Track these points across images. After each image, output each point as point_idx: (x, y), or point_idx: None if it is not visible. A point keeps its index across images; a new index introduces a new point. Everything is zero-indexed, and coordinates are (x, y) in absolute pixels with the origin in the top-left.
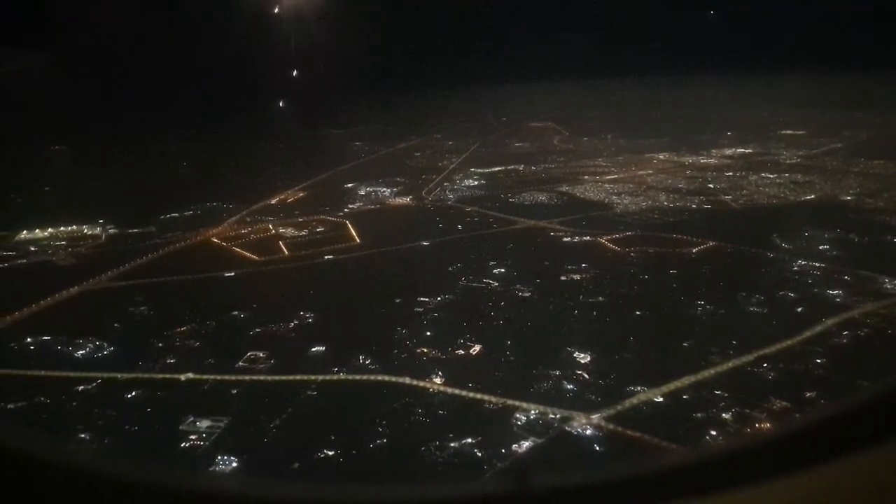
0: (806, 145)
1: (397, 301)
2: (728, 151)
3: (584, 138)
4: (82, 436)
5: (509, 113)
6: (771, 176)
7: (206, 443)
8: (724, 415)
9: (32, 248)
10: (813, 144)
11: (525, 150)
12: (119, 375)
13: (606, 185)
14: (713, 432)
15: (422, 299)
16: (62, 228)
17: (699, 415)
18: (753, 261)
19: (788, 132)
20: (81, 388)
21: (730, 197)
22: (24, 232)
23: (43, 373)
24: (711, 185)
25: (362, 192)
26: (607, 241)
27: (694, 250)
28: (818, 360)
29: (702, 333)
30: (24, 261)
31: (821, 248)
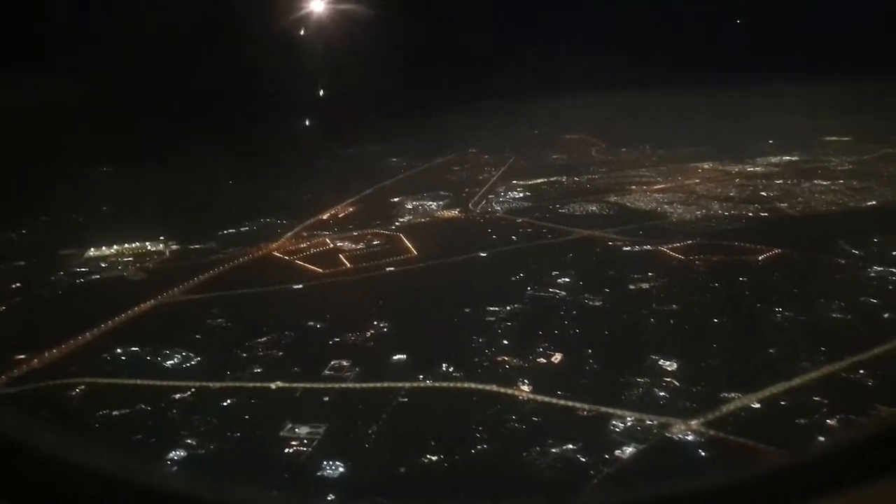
0: (855, 151)
1: (467, 311)
2: (773, 159)
3: (622, 149)
4: (188, 441)
5: (540, 126)
6: (824, 182)
7: (309, 448)
8: (828, 421)
9: (102, 265)
10: (862, 150)
11: (563, 161)
12: (211, 384)
13: (655, 195)
14: (821, 438)
15: (491, 308)
16: (126, 245)
17: (802, 421)
18: (825, 267)
19: (833, 139)
20: (178, 395)
21: (785, 204)
22: (92, 249)
23: (138, 381)
24: (764, 193)
25: (409, 206)
26: (669, 249)
27: (760, 258)
28: None
29: (786, 340)
30: (98, 276)
31: (894, 253)
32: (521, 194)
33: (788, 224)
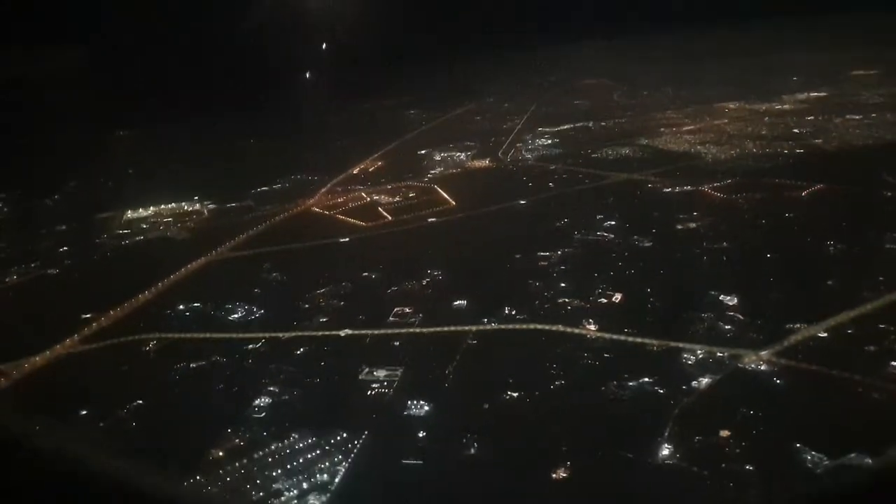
0: (884, 84)
1: (517, 257)
2: (801, 96)
3: (644, 92)
4: (271, 388)
5: (555, 72)
6: (857, 117)
7: (390, 390)
8: None
9: (143, 226)
10: (891, 83)
11: (586, 107)
12: (280, 335)
13: (686, 136)
14: (893, 363)
15: (542, 253)
16: (163, 206)
17: (872, 348)
18: (871, 200)
19: (860, 73)
20: (250, 346)
21: (820, 140)
22: (129, 212)
23: (209, 335)
24: (796, 130)
25: (438, 158)
26: (710, 189)
27: (803, 193)
28: None
29: (843, 271)
30: (142, 237)
31: None
32: (550, 141)
33: (826, 159)
